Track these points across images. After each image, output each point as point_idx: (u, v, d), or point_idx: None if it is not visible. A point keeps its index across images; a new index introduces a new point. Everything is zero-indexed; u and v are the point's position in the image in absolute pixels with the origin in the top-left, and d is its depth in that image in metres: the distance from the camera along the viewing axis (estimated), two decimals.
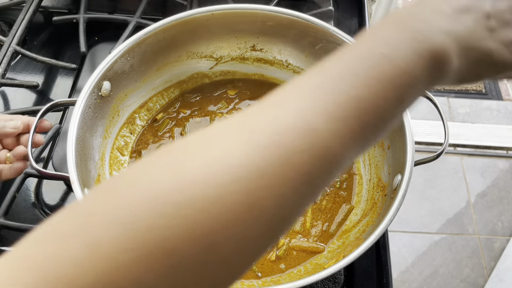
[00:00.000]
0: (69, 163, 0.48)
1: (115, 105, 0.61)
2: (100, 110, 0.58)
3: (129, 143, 0.63)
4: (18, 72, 0.75)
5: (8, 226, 0.56)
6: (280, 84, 0.69)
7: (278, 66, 0.69)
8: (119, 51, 0.58)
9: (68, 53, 0.77)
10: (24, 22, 0.73)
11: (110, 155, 0.60)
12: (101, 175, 0.57)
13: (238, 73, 0.70)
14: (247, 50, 0.68)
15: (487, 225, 1.40)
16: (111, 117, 0.61)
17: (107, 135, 0.60)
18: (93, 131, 0.57)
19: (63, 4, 0.84)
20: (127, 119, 0.63)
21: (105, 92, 0.57)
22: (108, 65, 0.57)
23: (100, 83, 0.56)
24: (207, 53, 0.68)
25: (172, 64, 0.66)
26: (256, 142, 0.21)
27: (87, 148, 0.55)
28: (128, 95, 0.63)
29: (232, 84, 0.70)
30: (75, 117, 0.52)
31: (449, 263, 1.33)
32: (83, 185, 0.49)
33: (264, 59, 0.69)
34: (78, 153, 0.51)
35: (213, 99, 0.69)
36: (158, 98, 0.67)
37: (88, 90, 0.54)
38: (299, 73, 0.68)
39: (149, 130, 0.65)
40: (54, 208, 0.61)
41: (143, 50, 0.61)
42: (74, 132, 0.51)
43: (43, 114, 0.53)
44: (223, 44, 0.67)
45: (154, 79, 0.65)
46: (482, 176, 1.50)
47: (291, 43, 0.66)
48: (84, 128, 0.54)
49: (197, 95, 0.69)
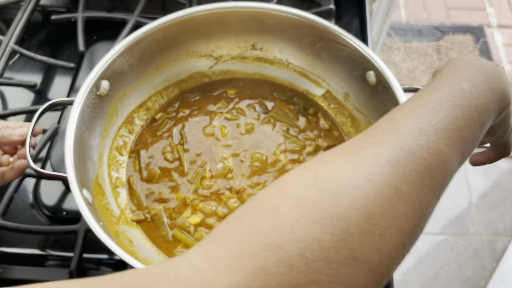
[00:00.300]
0: (67, 163, 0.48)
1: (113, 105, 0.60)
2: (98, 109, 0.57)
3: (127, 143, 0.63)
4: (16, 71, 0.74)
5: (6, 226, 0.55)
6: (280, 84, 0.69)
7: (278, 65, 0.69)
8: (118, 50, 0.57)
9: (67, 52, 0.77)
10: (22, 21, 0.73)
11: (109, 155, 0.59)
12: (99, 175, 0.56)
13: (238, 72, 0.70)
14: (247, 49, 0.68)
15: (489, 225, 1.39)
16: (110, 117, 0.60)
17: (106, 135, 0.59)
18: (92, 131, 0.56)
19: (61, 3, 0.83)
20: (126, 119, 0.63)
21: (103, 91, 0.57)
22: (106, 64, 0.56)
23: (99, 82, 0.56)
24: (206, 52, 0.67)
25: (171, 63, 0.66)
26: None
27: (86, 148, 0.54)
28: (127, 94, 0.62)
29: (232, 83, 0.70)
30: (73, 116, 0.51)
31: (451, 264, 1.32)
32: (82, 185, 0.48)
33: (264, 58, 0.68)
34: (76, 153, 0.50)
35: (212, 99, 0.68)
36: (157, 98, 0.66)
37: (86, 89, 0.54)
38: (299, 72, 0.68)
39: (148, 130, 0.65)
40: (52, 209, 0.61)
41: (142, 49, 0.60)
42: (72, 132, 0.51)
43: (41, 114, 0.52)
44: (223, 43, 0.67)
45: (153, 79, 0.65)
46: (484, 176, 1.49)
47: (291, 42, 0.66)
48: (83, 128, 0.53)
49: (197, 95, 0.68)
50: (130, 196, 0.59)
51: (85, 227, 0.55)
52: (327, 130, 0.65)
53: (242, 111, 0.67)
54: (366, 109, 0.62)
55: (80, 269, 0.53)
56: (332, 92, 0.66)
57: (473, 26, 1.92)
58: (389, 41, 1.85)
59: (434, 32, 1.87)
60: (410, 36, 1.86)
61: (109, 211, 0.54)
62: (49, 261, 0.58)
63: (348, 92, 0.64)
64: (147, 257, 0.52)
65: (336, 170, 0.26)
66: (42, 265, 0.57)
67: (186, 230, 0.56)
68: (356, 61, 0.60)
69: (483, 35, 1.88)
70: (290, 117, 0.66)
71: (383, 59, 1.80)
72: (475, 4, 1.97)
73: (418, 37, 1.86)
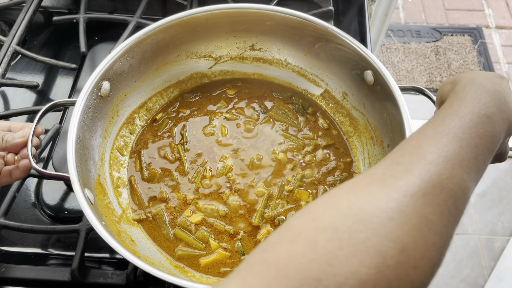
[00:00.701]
0: (69, 163, 0.48)
1: (114, 105, 0.61)
2: (99, 110, 0.58)
3: (128, 143, 0.63)
4: (18, 72, 0.75)
5: (8, 226, 0.56)
6: (279, 84, 0.70)
7: (277, 65, 0.69)
8: (119, 51, 0.58)
9: (68, 53, 0.78)
10: (24, 22, 0.73)
11: (110, 155, 0.60)
12: (101, 175, 0.57)
13: (237, 72, 0.70)
14: (246, 50, 0.69)
15: (487, 225, 1.40)
16: (111, 117, 0.61)
17: (107, 135, 0.60)
18: (93, 131, 0.57)
19: (63, 4, 0.84)
20: (127, 119, 0.63)
21: (104, 92, 0.57)
22: (107, 65, 0.57)
23: (100, 83, 0.56)
24: (206, 52, 0.68)
25: (171, 64, 0.66)
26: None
27: (87, 148, 0.55)
28: (128, 95, 0.63)
29: (231, 83, 0.70)
30: (75, 117, 0.52)
31: (449, 263, 1.32)
32: (84, 185, 0.49)
33: (263, 59, 0.69)
34: (78, 153, 0.51)
35: (212, 99, 0.69)
36: (157, 98, 0.67)
37: (87, 90, 0.54)
38: (298, 72, 0.68)
39: (148, 130, 0.65)
40: (54, 208, 0.62)
41: (143, 50, 0.61)
42: (74, 132, 0.51)
43: (43, 114, 0.53)
44: (222, 44, 0.67)
45: (153, 79, 0.66)
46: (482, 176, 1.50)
47: (290, 43, 0.66)
48: (84, 128, 0.54)
49: (196, 95, 0.69)
50: (131, 195, 0.59)
51: (87, 226, 0.55)
52: (326, 129, 0.66)
53: (242, 111, 0.67)
54: (364, 108, 0.63)
55: (81, 268, 0.53)
56: (331, 92, 0.67)
57: (472, 27, 1.93)
58: (388, 42, 1.86)
59: (433, 33, 1.88)
60: (409, 37, 1.87)
61: (111, 211, 0.55)
62: (50, 260, 0.58)
63: (347, 92, 0.65)
64: (149, 255, 0.53)
65: (369, 200, 0.27)
66: (44, 264, 0.57)
67: (187, 229, 0.56)
68: (354, 60, 0.60)
69: (482, 36, 1.89)
70: (289, 116, 0.67)
71: (382, 60, 1.81)
72: (473, 6, 1.98)
73: (416, 38, 1.87)
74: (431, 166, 0.29)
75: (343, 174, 0.62)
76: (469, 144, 0.31)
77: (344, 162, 0.63)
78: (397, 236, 0.25)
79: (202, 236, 0.56)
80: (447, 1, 1.99)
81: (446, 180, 0.28)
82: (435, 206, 0.27)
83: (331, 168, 0.62)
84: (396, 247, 0.24)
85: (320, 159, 0.63)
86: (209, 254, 0.55)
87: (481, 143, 0.32)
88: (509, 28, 1.93)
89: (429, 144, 0.30)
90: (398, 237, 0.25)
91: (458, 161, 0.30)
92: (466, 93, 0.35)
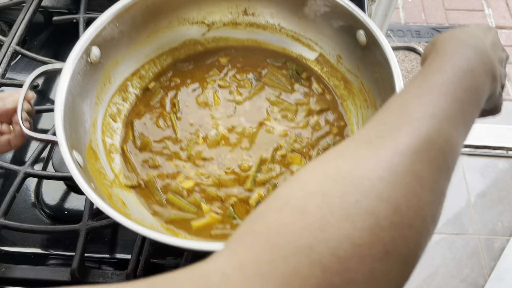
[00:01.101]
0: (57, 125, 0.48)
1: (106, 72, 0.61)
2: (89, 76, 0.57)
3: (121, 111, 0.63)
4: (18, 72, 0.75)
5: (8, 226, 0.56)
6: (274, 50, 0.68)
7: (271, 30, 0.68)
8: (107, 17, 0.57)
9: (68, 53, 0.76)
10: (24, 22, 0.73)
11: (103, 121, 0.60)
12: (93, 140, 0.57)
13: (231, 39, 0.69)
14: (238, 15, 0.67)
15: (487, 225, 1.38)
16: (103, 84, 0.61)
17: (99, 102, 0.60)
18: (84, 97, 0.57)
19: (63, 4, 0.83)
20: (119, 87, 0.63)
21: (94, 58, 0.57)
22: (96, 31, 0.56)
23: (89, 48, 0.56)
24: (198, 18, 0.67)
25: (163, 31, 0.66)
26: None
27: (78, 113, 0.55)
28: (119, 62, 0.62)
29: (224, 51, 0.69)
30: (63, 82, 0.52)
31: (449, 263, 1.31)
32: (72, 148, 0.49)
33: (256, 24, 0.68)
34: (68, 117, 0.51)
35: (205, 68, 0.68)
36: (150, 66, 0.66)
37: (76, 56, 0.54)
38: (292, 36, 0.67)
39: (141, 101, 0.65)
40: (54, 208, 0.62)
41: (132, 16, 0.60)
42: (62, 96, 0.51)
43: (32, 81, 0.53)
44: (214, 9, 0.66)
45: (145, 46, 0.65)
46: (482, 176, 1.47)
47: (283, 6, 0.65)
48: (74, 94, 0.54)
49: (189, 64, 0.68)
50: (125, 163, 0.59)
51: (87, 226, 0.55)
52: (320, 94, 0.65)
53: (235, 78, 0.66)
54: (358, 71, 0.61)
55: (81, 268, 0.53)
56: (325, 55, 0.65)
57: None
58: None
59: (433, 33, 1.84)
60: (409, 37, 1.83)
61: (103, 175, 0.55)
62: (50, 260, 0.58)
63: (341, 55, 0.63)
64: (141, 218, 0.53)
65: (358, 161, 0.26)
66: (44, 264, 0.58)
67: (179, 194, 0.57)
68: (347, 21, 0.59)
69: None
70: (283, 82, 0.66)
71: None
72: (473, 6, 1.93)
73: (416, 38, 1.83)
74: (418, 123, 0.28)
75: (337, 138, 0.61)
76: (454, 99, 0.30)
77: (338, 126, 0.62)
78: (389, 196, 0.24)
79: (194, 201, 0.56)
80: (447, 1, 1.93)
81: (435, 136, 0.27)
82: (425, 163, 0.26)
83: (324, 133, 0.61)
84: (388, 207, 0.23)
85: (314, 123, 0.62)
86: (200, 218, 0.55)
87: (466, 97, 0.31)
88: (509, 28, 1.86)
89: (414, 102, 0.29)
90: (390, 196, 0.24)
91: (445, 117, 0.29)
92: (445, 49, 0.34)
